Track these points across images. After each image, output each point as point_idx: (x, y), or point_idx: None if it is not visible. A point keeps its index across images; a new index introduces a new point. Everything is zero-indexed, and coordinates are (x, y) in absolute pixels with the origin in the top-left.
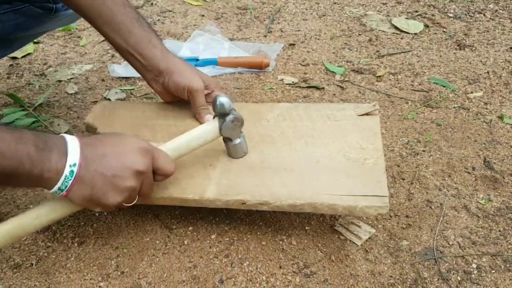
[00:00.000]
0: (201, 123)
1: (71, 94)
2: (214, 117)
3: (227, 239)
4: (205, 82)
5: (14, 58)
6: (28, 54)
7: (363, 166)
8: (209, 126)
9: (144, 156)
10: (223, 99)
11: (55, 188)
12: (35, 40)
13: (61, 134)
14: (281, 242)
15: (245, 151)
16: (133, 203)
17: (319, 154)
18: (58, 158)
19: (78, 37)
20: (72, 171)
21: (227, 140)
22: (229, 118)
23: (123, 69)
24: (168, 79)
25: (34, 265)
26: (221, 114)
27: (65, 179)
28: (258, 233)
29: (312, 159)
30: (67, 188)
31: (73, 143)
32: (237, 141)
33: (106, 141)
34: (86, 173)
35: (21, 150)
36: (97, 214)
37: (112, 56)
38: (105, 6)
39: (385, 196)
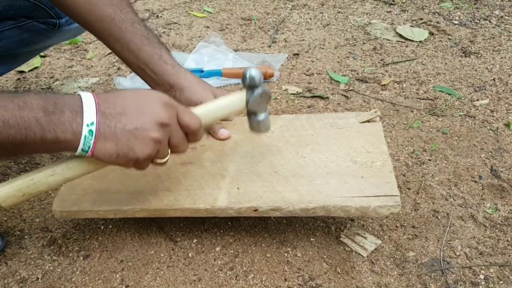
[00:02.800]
0: (216, 138)
1: None
2: (242, 89)
3: (232, 251)
4: (217, 96)
5: (21, 72)
6: (35, 67)
7: (371, 168)
8: (236, 97)
9: (166, 108)
10: (254, 72)
11: (79, 150)
12: (41, 54)
13: (76, 93)
14: (286, 254)
15: (269, 127)
16: (167, 159)
17: (327, 160)
18: (72, 118)
19: (85, 50)
20: (91, 131)
21: (251, 114)
22: (257, 91)
23: (129, 82)
24: (180, 95)
25: (40, 279)
26: (250, 87)
27: (85, 139)
28: (263, 245)
29: (320, 164)
30: (90, 148)
31: (88, 100)
32: (262, 116)
33: (125, 95)
34: (107, 129)
35: (27, 116)
36: (102, 228)
37: (118, 69)
38: (113, 24)
39: (396, 196)
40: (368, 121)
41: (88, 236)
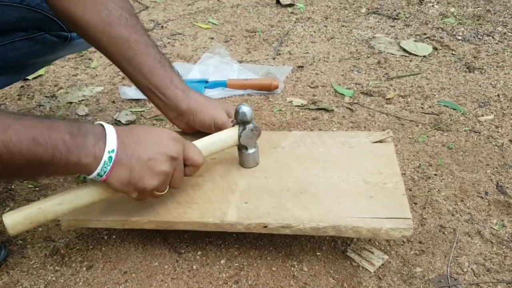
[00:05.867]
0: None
1: (82, 115)
2: (234, 125)
3: (237, 264)
4: (228, 112)
5: (25, 79)
6: (39, 75)
7: (383, 189)
8: (230, 133)
9: (176, 143)
10: (245, 108)
11: (95, 173)
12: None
13: (96, 123)
14: (292, 268)
15: (257, 162)
16: (164, 192)
17: (338, 179)
18: (95, 143)
19: (89, 59)
20: (110, 157)
21: (242, 148)
22: (249, 126)
23: (134, 91)
24: (193, 118)
25: None
26: (242, 122)
27: (104, 164)
28: (269, 258)
29: (331, 183)
30: (106, 173)
31: (109, 129)
32: (252, 150)
33: (140, 129)
34: (124, 157)
35: (55, 137)
36: (105, 238)
37: (123, 78)
38: (127, 45)
39: (409, 219)
40: (380, 141)
41: (91, 246)
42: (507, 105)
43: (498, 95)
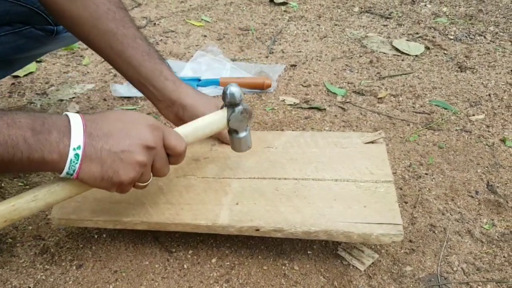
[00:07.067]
0: (224, 142)
1: None
2: (222, 107)
3: (228, 263)
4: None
5: (16, 76)
6: (30, 73)
7: (374, 194)
8: (217, 116)
9: (153, 131)
10: (234, 89)
11: (64, 172)
12: (37, 59)
13: (63, 113)
14: (283, 267)
15: (249, 146)
16: (148, 182)
17: (330, 181)
18: (59, 139)
19: (81, 56)
20: (77, 154)
21: (233, 132)
22: (238, 109)
23: (125, 88)
24: (183, 112)
25: None
26: (230, 104)
27: (71, 162)
28: (260, 257)
29: (323, 186)
30: (75, 171)
31: (75, 121)
32: (243, 134)
33: (112, 117)
34: (93, 151)
35: (15, 134)
36: (95, 237)
37: (115, 75)
38: (115, 39)
39: (399, 225)
40: (372, 142)
41: (81, 245)
42: (498, 104)
43: (489, 95)
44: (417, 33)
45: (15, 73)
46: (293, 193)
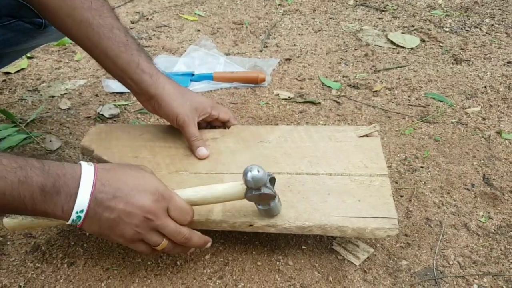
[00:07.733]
0: (195, 156)
1: (64, 109)
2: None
3: (222, 259)
4: (202, 109)
5: (7, 73)
6: (22, 69)
7: (369, 188)
8: (235, 189)
9: (156, 202)
10: (255, 173)
11: (67, 223)
12: (28, 55)
13: (79, 165)
14: (277, 262)
15: (274, 214)
16: (163, 245)
17: (324, 175)
18: (65, 201)
19: (73, 52)
20: (79, 216)
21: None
22: (256, 192)
23: (117, 84)
24: (158, 108)
25: (22, 287)
26: (249, 188)
27: (73, 221)
28: (254, 252)
29: (317, 180)
30: (77, 224)
31: (86, 180)
32: (266, 207)
33: (122, 177)
34: (95, 216)
35: (23, 192)
36: (87, 234)
37: None
38: (91, 29)
39: (394, 218)
40: (366, 135)
41: (72, 242)
42: (494, 97)
43: (485, 87)
44: (412, 26)
45: (6, 70)
46: (286, 187)
